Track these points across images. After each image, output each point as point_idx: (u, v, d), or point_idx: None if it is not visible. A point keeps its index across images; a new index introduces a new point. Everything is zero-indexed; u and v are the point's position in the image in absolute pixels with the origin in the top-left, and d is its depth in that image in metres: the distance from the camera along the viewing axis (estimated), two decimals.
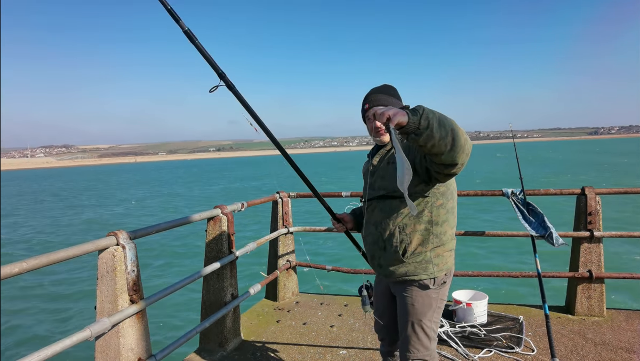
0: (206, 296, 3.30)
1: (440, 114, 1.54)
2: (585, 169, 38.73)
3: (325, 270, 4.32)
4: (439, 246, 1.94)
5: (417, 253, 1.92)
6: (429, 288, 1.95)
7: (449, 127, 1.52)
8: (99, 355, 2.29)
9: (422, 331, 2.00)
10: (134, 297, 2.29)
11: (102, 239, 2.20)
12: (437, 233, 1.92)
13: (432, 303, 1.98)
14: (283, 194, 4.31)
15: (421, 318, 1.98)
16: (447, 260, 1.97)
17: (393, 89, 2.09)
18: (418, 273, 1.94)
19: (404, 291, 2.01)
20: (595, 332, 3.40)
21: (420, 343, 2.01)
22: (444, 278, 1.98)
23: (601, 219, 3.69)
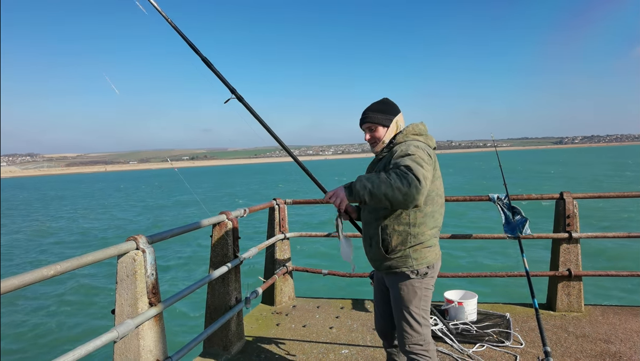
0: (211, 300, 3.38)
1: (376, 188, 1.92)
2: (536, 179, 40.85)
3: (321, 274, 4.45)
4: (418, 244, 2.17)
5: (397, 250, 2.18)
6: (411, 278, 2.20)
7: (382, 195, 1.92)
8: (117, 357, 2.34)
9: (412, 318, 2.23)
10: (153, 300, 2.37)
11: (123, 244, 2.27)
12: (414, 233, 2.16)
13: (417, 292, 2.21)
14: (280, 201, 4.43)
15: (408, 305, 2.22)
16: (426, 255, 2.20)
17: (385, 105, 2.35)
18: (399, 266, 2.20)
19: (392, 282, 2.28)
20: (575, 326, 3.67)
21: (412, 329, 2.23)
22: (425, 270, 2.21)
23: (578, 221, 4.00)
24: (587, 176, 39.51)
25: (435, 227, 2.23)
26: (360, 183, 1.98)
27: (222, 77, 2.41)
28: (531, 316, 3.91)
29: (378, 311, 2.54)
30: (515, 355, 3.16)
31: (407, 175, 1.92)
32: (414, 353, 2.26)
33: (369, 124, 2.33)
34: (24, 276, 1.69)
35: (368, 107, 2.37)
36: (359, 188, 1.97)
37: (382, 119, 2.30)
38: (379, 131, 2.32)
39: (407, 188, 1.89)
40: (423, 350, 2.25)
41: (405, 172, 1.94)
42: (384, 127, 2.31)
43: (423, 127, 2.34)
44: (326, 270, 4.46)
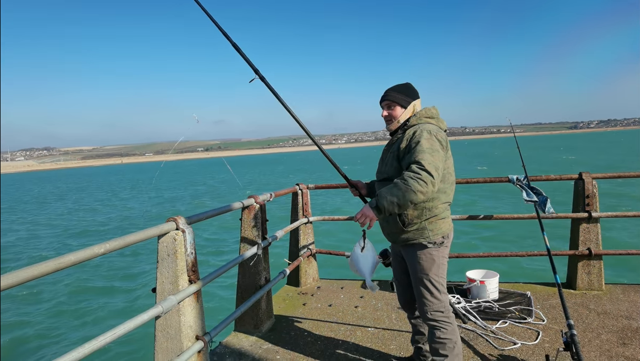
0: (242, 280, 3.53)
1: (402, 199, 2.13)
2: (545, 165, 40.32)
3: (344, 256, 4.57)
4: (432, 216, 2.36)
5: (414, 223, 2.36)
6: (428, 248, 2.37)
7: (408, 203, 2.15)
8: (159, 333, 2.49)
9: (431, 285, 2.39)
10: (193, 277, 2.51)
11: (164, 224, 2.41)
12: (429, 207, 2.34)
13: (435, 260, 2.38)
14: (302, 186, 4.55)
15: (428, 273, 2.38)
16: (440, 227, 2.38)
17: (406, 87, 2.52)
18: (417, 237, 2.37)
19: (409, 254, 2.44)
20: (596, 303, 3.73)
21: (432, 296, 2.39)
22: (441, 240, 2.38)
23: (598, 201, 4.03)
24: (601, 163, 38.69)
25: (446, 202, 2.41)
26: (385, 199, 2.16)
27: (247, 58, 2.58)
28: (551, 295, 3.98)
29: (400, 285, 2.70)
30: (537, 331, 3.25)
31: (421, 174, 2.13)
32: (435, 321, 2.40)
33: (388, 102, 2.50)
34: (78, 253, 1.83)
35: (390, 87, 2.54)
36: (387, 205, 2.16)
37: (401, 99, 2.48)
38: (397, 110, 2.49)
39: (425, 187, 2.13)
40: (444, 317, 2.40)
41: (419, 172, 2.14)
42: (402, 107, 2.48)
43: (435, 111, 2.49)
44: (349, 252, 4.57)
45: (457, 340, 2.43)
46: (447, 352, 2.40)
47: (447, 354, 2.40)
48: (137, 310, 9.55)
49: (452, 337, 2.41)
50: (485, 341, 3.14)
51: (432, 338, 2.43)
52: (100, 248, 1.94)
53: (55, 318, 9.43)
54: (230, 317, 2.92)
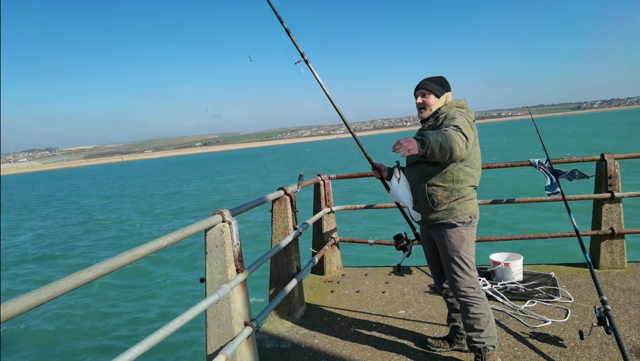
0: (274, 270, 3.63)
1: (442, 140, 2.20)
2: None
3: (367, 244, 4.68)
4: (461, 197, 2.48)
5: (443, 203, 2.48)
6: (457, 226, 2.49)
7: (448, 148, 2.21)
8: (210, 320, 2.60)
9: (462, 262, 2.50)
10: (239, 267, 2.61)
11: (212, 217, 2.50)
12: (458, 188, 2.46)
13: (465, 238, 2.50)
14: (324, 177, 4.63)
15: (459, 250, 2.50)
16: (468, 207, 2.50)
17: (440, 79, 2.66)
18: (446, 217, 2.49)
19: (439, 233, 2.55)
20: (620, 281, 3.82)
21: (463, 272, 2.51)
22: (469, 220, 2.50)
23: (620, 181, 4.09)
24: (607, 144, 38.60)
25: (473, 185, 2.53)
26: (432, 136, 2.22)
27: (295, 42, 2.73)
28: (575, 274, 4.07)
29: (432, 265, 2.82)
30: (566, 309, 3.35)
31: (459, 133, 2.27)
32: (468, 297, 2.51)
33: (423, 90, 2.63)
34: (145, 247, 1.93)
35: (426, 78, 2.67)
36: (432, 141, 2.21)
37: (435, 89, 2.62)
38: (431, 98, 2.62)
39: (462, 143, 2.26)
40: (476, 293, 2.51)
41: (457, 131, 2.28)
42: (436, 96, 2.61)
43: (465, 102, 2.64)
44: (372, 240, 4.68)
45: (490, 315, 2.55)
46: (482, 326, 2.51)
47: (482, 328, 2.51)
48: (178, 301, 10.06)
49: (485, 312, 2.52)
50: (515, 321, 3.24)
51: (466, 314, 2.54)
52: (164, 240, 2.04)
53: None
54: (272, 304, 3.03)
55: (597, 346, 2.79)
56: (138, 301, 10.54)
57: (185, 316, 2.06)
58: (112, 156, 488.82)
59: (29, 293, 1.47)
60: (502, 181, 19.51)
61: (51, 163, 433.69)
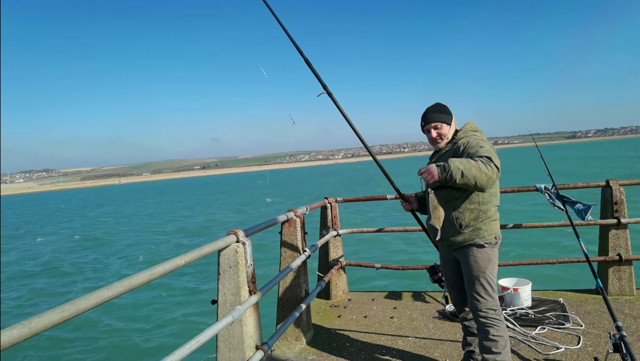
0: (282, 293, 3.59)
1: (468, 170, 2.23)
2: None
3: (374, 268, 4.64)
4: (487, 218, 2.52)
5: (470, 225, 2.51)
6: (485, 247, 2.51)
7: (471, 177, 2.24)
8: (221, 344, 2.55)
9: (487, 282, 2.51)
10: (252, 288, 2.58)
11: (226, 238, 2.50)
12: (484, 210, 2.51)
13: (491, 258, 2.52)
14: (331, 200, 4.64)
15: (484, 270, 2.50)
16: (493, 227, 2.55)
17: (443, 107, 2.71)
18: (473, 238, 2.51)
19: (465, 254, 2.55)
20: (630, 308, 3.79)
21: (487, 293, 2.50)
22: (494, 240, 2.54)
23: (625, 207, 4.13)
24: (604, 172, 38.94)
25: (496, 205, 2.58)
26: (454, 164, 2.26)
27: (317, 75, 2.75)
28: (583, 301, 4.04)
29: (452, 288, 2.80)
30: (578, 336, 3.31)
31: (491, 163, 2.29)
32: (487, 318, 2.49)
33: (436, 123, 2.66)
34: (163, 266, 1.92)
35: (430, 110, 2.69)
36: (453, 168, 2.26)
37: (445, 118, 2.67)
38: (444, 128, 2.66)
39: (491, 173, 2.27)
40: (497, 315, 2.50)
41: (488, 161, 2.30)
42: (448, 125, 2.66)
43: (475, 125, 2.69)
44: (379, 264, 4.65)
45: (507, 339, 2.53)
46: (500, 349, 2.48)
47: (499, 351, 2.48)
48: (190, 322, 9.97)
49: (504, 335, 2.51)
50: (527, 347, 3.19)
51: (485, 335, 2.51)
52: (181, 260, 2.03)
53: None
54: (282, 328, 2.98)
55: None
56: (140, 323, 10.47)
57: (200, 338, 2.03)
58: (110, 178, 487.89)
59: (52, 310, 1.45)
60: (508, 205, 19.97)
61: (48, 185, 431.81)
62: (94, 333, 10.01)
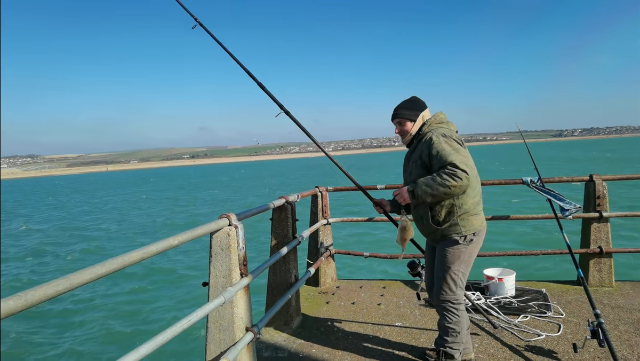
0: (272, 278, 3.63)
1: (435, 190, 2.40)
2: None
3: (362, 257, 4.71)
4: (464, 213, 2.54)
5: (447, 220, 2.57)
6: (459, 243, 2.57)
7: (441, 194, 2.41)
8: (211, 325, 2.58)
9: (450, 277, 2.61)
10: (243, 271, 2.61)
11: (219, 221, 2.51)
12: (459, 204, 2.54)
13: (461, 256, 2.59)
14: (322, 189, 4.68)
15: (450, 265, 2.60)
16: (472, 222, 2.56)
17: (411, 102, 2.76)
18: (450, 233, 2.58)
19: (440, 247, 2.67)
20: (609, 298, 3.92)
21: (447, 286, 2.62)
22: (471, 237, 2.57)
23: (607, 202, 4.24)
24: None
25: (475, 196, 2.58)
26: (421, 188, 2.43)
27: (273, 96, 2.96)
28: (565, 291, 4.16)
29: (431, 273, 2.89)
30: (558, 324, 3.42)
31: (456, 172, 2.35)
32: (443, 308, 2.66)
33: (398, 119, 2.74)
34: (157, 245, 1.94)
35: (398, 105, 2.77)
36: (421, 193, 2.46)
37: (409, 114, 2.71)
38: (407, 125, 2.72)
39: (459, 183, 2.35)
40: (452, 307, 2.64)
41: (453, 170, 2.36)
42: (411, 121, 2.71)
43: (443, 116, 2.73)
44: (367, 253, 4.72)
45: (460, 331, 2.67)
46: (448, 338, 2.68)
47: (447, 339, 2.68)
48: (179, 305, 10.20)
49: (455, 327, 2.66)
50: (510, 334, 3.29)
51: (440, 321, 2.72)
52: (175, 240, 2.05)
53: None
54: (271, 311, 3.02)
55: (590, 360, 2.85)
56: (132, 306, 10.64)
57: (192, 318, 2.06)
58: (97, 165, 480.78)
59: (48, 283, 1.46)
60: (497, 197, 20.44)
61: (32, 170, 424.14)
62: (85, 315, 10.16)
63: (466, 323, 2.74)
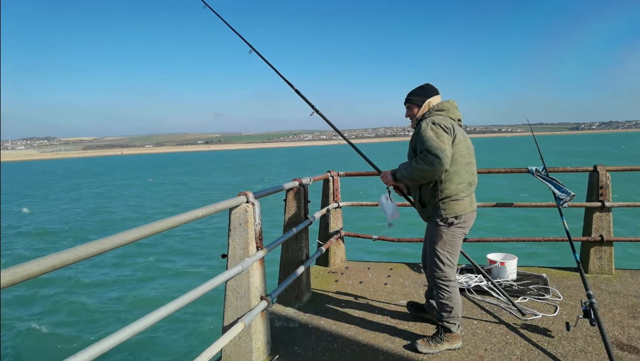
0: (285, 255, 3.87)
1: (410, 174, 2.68)
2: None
3: (371, 239, 4.92)
4: (446, 198, 2.74)
5: (430, 203, 2.81)
6: (439, 225, 2.80)
7: (417, 177, 2.67)
8: (229, 293, 2.83)
9: (436, 257, 2.85)
10: (259, 245, 2.85)
11: (237, 198, 2.74)
12: (441, 189, 2.73)
13: (443, 236, 2.81)
14: (334, 173, 4.88)
15: (434, 246, 2.85)
16: (453, 207, 2.74)
17: (420, 89, 2.96)
18: (433, 215, 2.82)
19: (428, 228, 2.94)
20: (607, 285, 4.07)
21: (436, 265, 2.87)
22: (452, 220, 2.77)
23: (610, 192, 4.36)
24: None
25: (460, 183, 2.75)
26: (400, 172, 2.75)
27: (306, 99, 3.28)
28: (565, 277, 4.32)
29: (425, 253, 3.15)
30: (555, 306, 3.60)
31: (427, 157, 2.58)
32: (436, 285, 2.90)
33: (407, 104, 2.98)
34: (184, 215, 2.17)
35: (410, 91, 2.99)
36: (400, 177, 2.80)
37: (416, 100, 2.93)
38: (414, 109, 2.95)
39: (431, 167, 2.57)
40: (444, 285, 2.86)
41: (426, 155, 2.59)
42: (417, 106, 2.92)
43: (447, 104, 2.88)
44: (376, 236, 4.92)
45: (454, 306, 2.87)
46: (444, 313, 2.90)
47: (443, 314, 2.90)
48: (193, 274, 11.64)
49: (449, 303, 2.87)
50: (508, 313, 3.48)
51: (437, 297, 2.94)
52: (198, 212, 2.28)
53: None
54: (283, 285, 3.26)
55: (582, 338, 3.04)
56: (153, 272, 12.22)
57: (214, 281, 2.30)
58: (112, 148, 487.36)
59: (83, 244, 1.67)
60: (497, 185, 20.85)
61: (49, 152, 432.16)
62: (107, 284, 11.54)
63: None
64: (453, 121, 2.82)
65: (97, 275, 12.36)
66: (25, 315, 9.58)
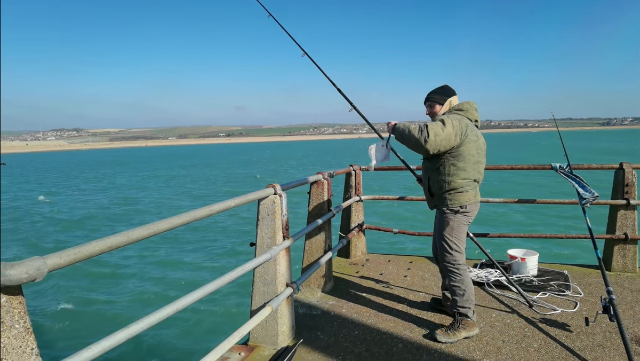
0: (308, 245, 4.01)
1: (403, 132, 2.86)
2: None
3: (392, 233, 5.02)
4: (452, 189, 2.93)
5: (437, 193, 3.01)
6: (446, 213, 3.01)
7: (404, 140, 2.86)
8: (257, 279, 3.00)
9: (445, 242, 3.03)
10: (285, 234, 3.00)
11: (265, 190, 2.89)
12: (448, 181, 2.93)
13: (449, 223, 3.00)
14: (356, 167, 4.98)
15: (442, 232, 3.03)
16: (459, 198, 2.94)
17: (442, 88, 3.13)
18: (440, 204, 3.03)
19: (436, 216, 3.18)
20: (630, 283, 4.06)
21: (445, 250, 3.05)
22: (457, 209, 2.96)
23: (636, 189, 4.32)
24: None
25: (466, 178, 2.93)
26: (399, 128, 2.90)
27: (345, 96, 3.48)
28: (587, 274, 4.32)
29: (434, 240, 3.35)
30: (575, 302, 3.63)
31: (424, 131, 2.75)
32: (447, 269, 3.07)
33: (429, 102, 3.13)
34: (219, 205, 2.33)
35: (431, 91, 3.15)
36: (396, 129, 2.93)
37: (438, 98, 3.10)
38: (436, 107, 3.11)
39: (419, 139, 2.75)
40: (454, 268, 3.03)
41: (424, 128, 2.76)
42: (439, 105, 3.09)
43: (467, 105, 3.05)
44: (397, 229, 5.02)
45: (466, 288, 3.03)
46: (457, 296, 3.05)
47: (456, 299, 3.05)
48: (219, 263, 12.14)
49: (460, 285, 3.03)
50: (527, 308, 3.54)
51: (449, 282, 3.10)
52: (232, 202, 2.44)
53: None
54: (307, 273, 3.41)
55: (601, 333, 3.07)
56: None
57: (245, 267, 2.46)
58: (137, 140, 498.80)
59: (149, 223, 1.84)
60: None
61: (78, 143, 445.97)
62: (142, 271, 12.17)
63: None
64: (469, 122, 2.99)
65: (131, 262, 13.08)
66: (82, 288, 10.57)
